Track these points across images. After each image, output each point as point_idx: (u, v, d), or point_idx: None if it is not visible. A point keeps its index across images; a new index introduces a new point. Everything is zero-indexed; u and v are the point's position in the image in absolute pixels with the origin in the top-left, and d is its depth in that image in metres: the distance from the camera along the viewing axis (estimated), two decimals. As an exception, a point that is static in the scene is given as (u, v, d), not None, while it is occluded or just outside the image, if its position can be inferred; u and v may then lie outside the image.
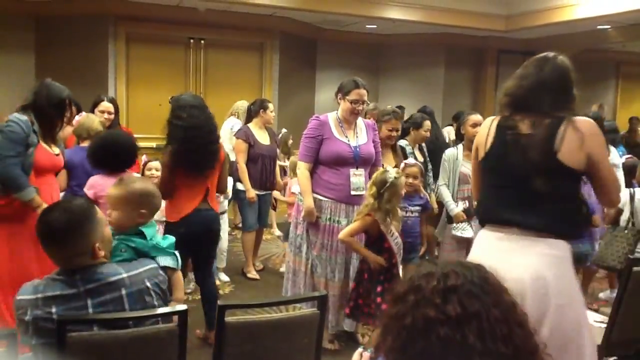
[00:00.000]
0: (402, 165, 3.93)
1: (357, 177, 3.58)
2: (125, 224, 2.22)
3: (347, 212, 3.60)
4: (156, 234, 2.31)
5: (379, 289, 3.38)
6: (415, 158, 4.45)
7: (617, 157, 4.76)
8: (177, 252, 2.32)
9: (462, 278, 1.12)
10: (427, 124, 4.78)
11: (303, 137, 3.70)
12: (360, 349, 1.51)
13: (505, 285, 1.17)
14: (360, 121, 3.75)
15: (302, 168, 3.64)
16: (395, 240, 3.37)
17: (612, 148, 4.68)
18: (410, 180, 3.86)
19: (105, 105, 4.52)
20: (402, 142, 4.64)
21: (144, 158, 4.33)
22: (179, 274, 2.39)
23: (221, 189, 3.75)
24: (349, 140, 3.63)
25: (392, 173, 3.35)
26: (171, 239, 2.36)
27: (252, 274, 5.18)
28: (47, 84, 3.16)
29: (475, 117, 4.27)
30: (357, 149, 3.62)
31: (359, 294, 3.44)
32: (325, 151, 3.60)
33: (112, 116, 4.53)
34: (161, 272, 2.06)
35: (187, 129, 3.33)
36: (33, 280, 1.88)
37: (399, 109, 4.63)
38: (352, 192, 3.57)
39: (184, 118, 3.34)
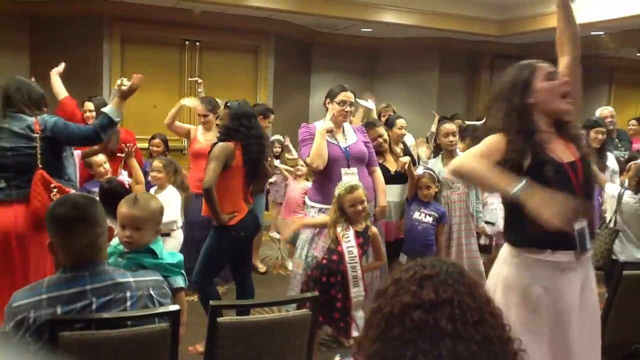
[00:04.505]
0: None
1: (349, 176, 3.58)
2: (145, 243, 2.24)
3: None
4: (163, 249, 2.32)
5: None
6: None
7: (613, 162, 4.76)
8: (183, 272, 2.34)
9: (437, 269, 1.18)
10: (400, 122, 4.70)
11: (300, 143, 3.72)
12: (337, 357, 1.51)
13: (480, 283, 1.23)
14: (347, 125, 3.80)
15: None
16: (349, 248, 3.26)
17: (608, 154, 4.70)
18: (425, 191, 3.94)
19: (86, 104, 4.88)
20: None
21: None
22: (183, 294, 2.36)
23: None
24: (338, 143, 3.67)
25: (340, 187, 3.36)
26: (179, 256, 2.36)
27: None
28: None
29: (449, 127, 4.20)
30: (348, 149, 3.67)
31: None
32: None
33: (94, 114, 4.67)
34: (165, 286, 2.06)
35: (257, 138, 3.54)
36: (25, 287, 1.86)
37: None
38: None
39: (252, 128, 3.53)
